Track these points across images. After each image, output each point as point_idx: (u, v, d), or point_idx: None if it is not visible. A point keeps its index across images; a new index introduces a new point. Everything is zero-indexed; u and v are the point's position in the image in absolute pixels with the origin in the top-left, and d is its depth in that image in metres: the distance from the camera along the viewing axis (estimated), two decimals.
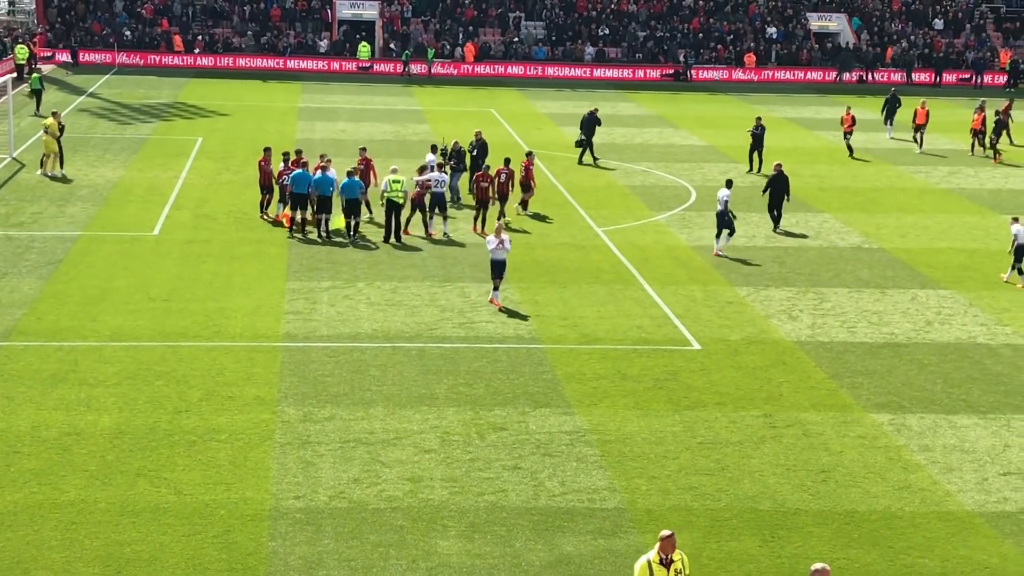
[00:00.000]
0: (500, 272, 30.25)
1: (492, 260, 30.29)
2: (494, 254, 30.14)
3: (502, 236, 30.12)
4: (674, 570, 15.17)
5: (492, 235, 30.28)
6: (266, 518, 19.36)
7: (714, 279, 33.03)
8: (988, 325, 29.88)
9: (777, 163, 39.59)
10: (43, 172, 42.95)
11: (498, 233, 30.15)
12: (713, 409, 24.19)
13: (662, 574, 15.15)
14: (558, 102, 66.45)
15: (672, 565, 15.18)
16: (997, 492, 21.02)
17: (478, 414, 23.57)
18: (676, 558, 15.22)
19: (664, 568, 15.16)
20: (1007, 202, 43.66)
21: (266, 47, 77.30)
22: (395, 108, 62.29)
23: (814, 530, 19.54)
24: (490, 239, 30.25)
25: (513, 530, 19.23)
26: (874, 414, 24.18)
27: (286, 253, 34.46)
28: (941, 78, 77.80)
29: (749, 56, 78.17)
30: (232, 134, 52.98)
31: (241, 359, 26.09)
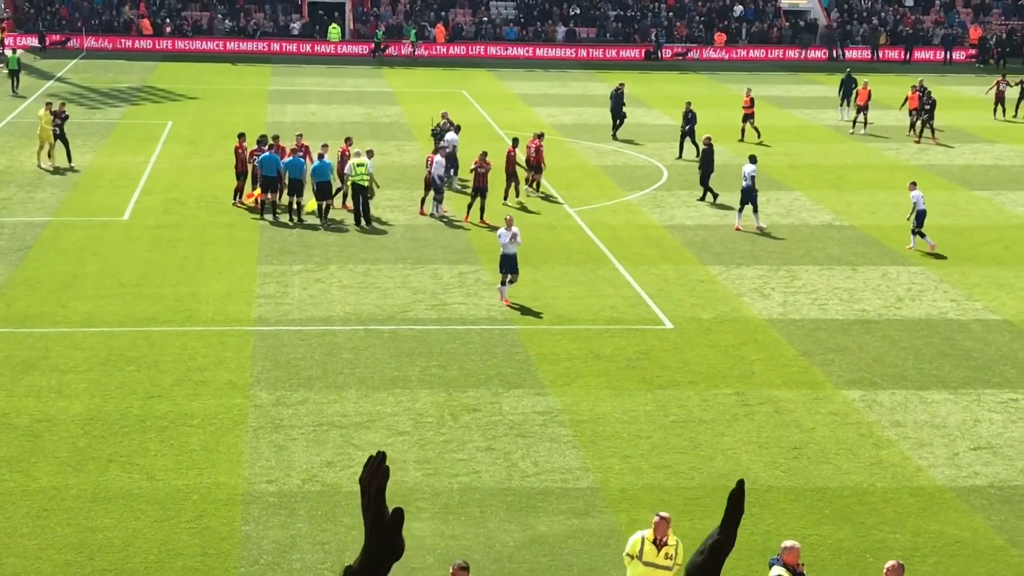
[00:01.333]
0: (511, 267, 28.72)
1: (503, 254, 28.77)
2: (505, 248, 28.61)
3: (513, 229, 28.71)
4: (665, 554, 15.19)
5: (503, 228, 28.92)
6: (239, 502, 19.33)
7: (686, 258, 33.09)
8: (958, 301, 30.03)
9: (707, 136, 40.35)
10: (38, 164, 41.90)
11: (509, 225, 28.89)
12: (686, 388, 24.26)
13: (652, 553, 15.18)
14: (530, 82, 66.34)
15: (664, 548, 15.20)
16: (968, 467, 21.16)
17: (451, 396, 23.58)
18: (671, 542, 15.24)
19: (656, 548, 15.18)
20: (977, 178, 43.85)
21: (236, 30, 76.92)
22: (366, 90, 62.08)
23: (787, 507, 19.63)
24: (502, 232, 28.74)
25: (487, 511, 19.25)
26: (845, 391, 24.29)
27: (257, 237, 34.35)
28: (911, 55, 77.96)
29: (719, 35, 78.17)
30: (202, 118, 52.73)
31: (213, 343, 26.02)
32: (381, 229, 35.42)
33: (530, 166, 39.56)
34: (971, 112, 56.67)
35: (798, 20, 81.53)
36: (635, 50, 77.10)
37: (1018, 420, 23.07)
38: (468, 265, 32.03)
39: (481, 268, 31.69)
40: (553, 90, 63.86)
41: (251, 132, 39.99)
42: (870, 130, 51.45)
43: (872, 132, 51.45)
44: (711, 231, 35.95)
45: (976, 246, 34.94)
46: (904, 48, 78.31)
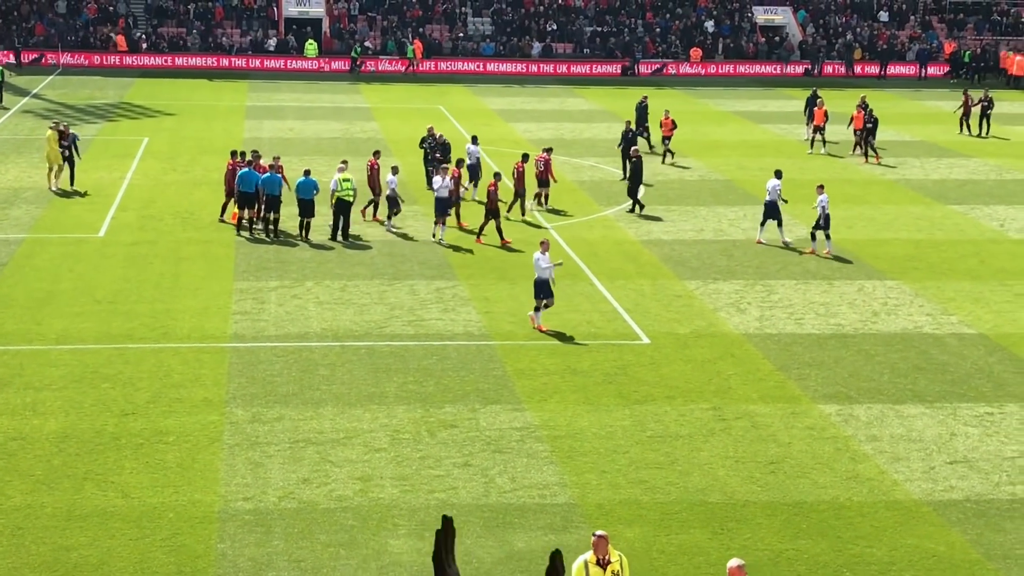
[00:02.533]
0: (547, 292, 28.06)
1: (537, 279, 28.06)
2: (540, 273, 27.93)
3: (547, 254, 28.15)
4: (611, 571, 15.14)
5: (539, 252, 28.07)
6: (215, 520, 19.24)
7: (662, 273, 33.14)
8: (934, 315, 30.14)
9: (635, 148, 41.08)
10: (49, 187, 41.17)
11: (545, 250, 28.18)
12: (663, 403, 24.27)
13: (598, 574, 15.13)
14: (506, 98, 66.44)
15: (609, 566, 15.15)
16: (944, 481, 21.21)
17: (428, 412, 23.53)
18: (614, 559, 15.18)
19: (601, 569, 15.12)
20: (952, 192, 44.06)
21: (212, 46, 76.82)
22: (343, 106, 62.08)
23: (763, 521, 19.64)
24: (538, 256, 27.96)
25: (464, 527, 19.19)
26: (822, 405, 24.33)
27: (233, 253, 34.26)
28: (886, 70, 78.36)
29: (695, 50, 78.44)
30: (178, 134, 52.62)
31: (189, 360, 25.92)
32: (358, 245, 35.37)
33: (540, 181, 39.84)
34: (946, 127, 56.97)
35: (774, 36, 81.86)
36: (612, 65, 77.28)
37: (994, 434, 23.15)
38: (445, 281, 32.01)
39: (458, 284, 31.67)
40: (530, 105, 63.97)
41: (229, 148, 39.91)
42: (831, 149, 51.29)
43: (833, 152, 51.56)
44: (688, 246, 36.01)
45: (951, 260, 35.09)
46: (879, 63, 78.70)
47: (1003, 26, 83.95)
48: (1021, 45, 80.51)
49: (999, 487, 21.00)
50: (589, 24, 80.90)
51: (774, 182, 36.14)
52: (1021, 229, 38.98)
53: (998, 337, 28.55)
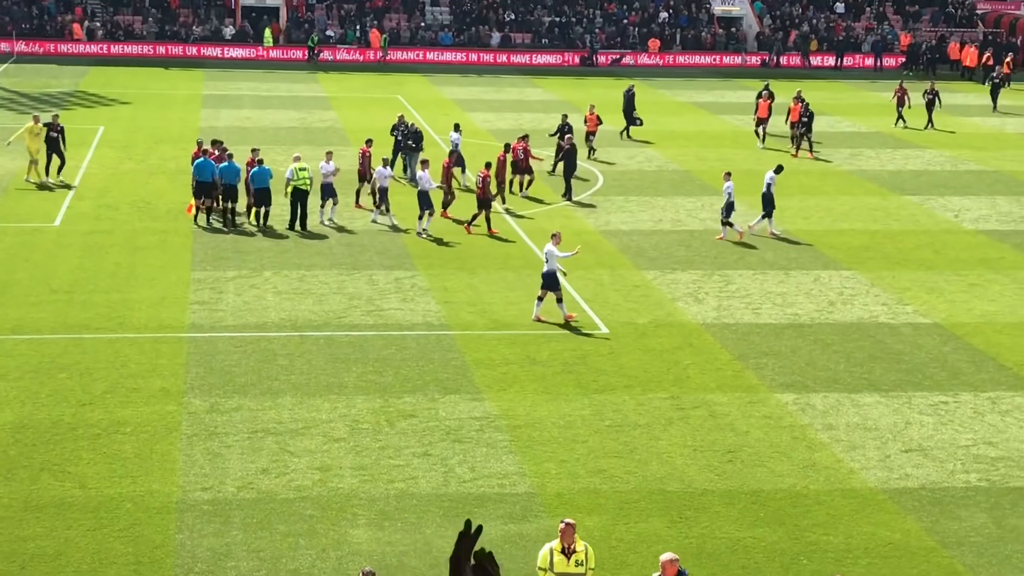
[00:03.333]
0: (553, 284, 27.89)
1: (546, 271, 27.95)
2: (550, 265, 27.86)
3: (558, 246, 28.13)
4: (575, 560, 15.21)
5: (551, 244, 28.00)
6: (173, 510, 19.18)
7: (621, 263, 33.24)
8: (889, 305, 30.39)
9: (569, 136, 41.45)
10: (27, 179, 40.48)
11: (557, 241, 28.17)
12: (621, 392, 24.36)
13: (562, 563, 15.20)
14: (465, 88, 66.37)
15: (574, 555, 15.22)
16: (899, 469, 21.41)
17: (387, 402, 23.53)
18: (579, 548, 15.26)
19: (565, 557, 15.20)
20: (907, 183, 44.40)
21: (169, 34, 76.31)
22: (301, 95, 61.84)
23: (721, 510, 19.77)
24: (552, 249, 27.85)
25: (423, 517, 19.23)
26: (779, 394, 24.50)
27: (191, 243, 34.10)
28: (842, 61, 78.79)
29: (653, 41, 78.61)
30: (134, 123, 52.27)
31: (146, 350, 25.80)
32: (317, 235, 35.28)
33: (520, 169, 40.04)
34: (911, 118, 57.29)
35: (732, 27, 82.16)
36: (571, 56, 77.33)
37: (948, 423, 23.38)
38: (404, 271, 31.98)
39: (417, 274, 31.66)
40: (488, 95, 63.94)
41: (185, 137, 39.69)
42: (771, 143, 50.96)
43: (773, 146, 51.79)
44: (646, 236, 36.14)
45: (906, 251, 35.38)
46: (835, 55, 79.12)
47: (957, 18, 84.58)
48: (975, 37, 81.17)
49: (954, 475, 21.22)
50: (548, 14, 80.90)
51: (770, 174, 36.29)
52: (975, 219, 39.35)
53: (952, 326, 28.83)
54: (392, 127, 43.55)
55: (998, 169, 47.48)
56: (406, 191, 38.80)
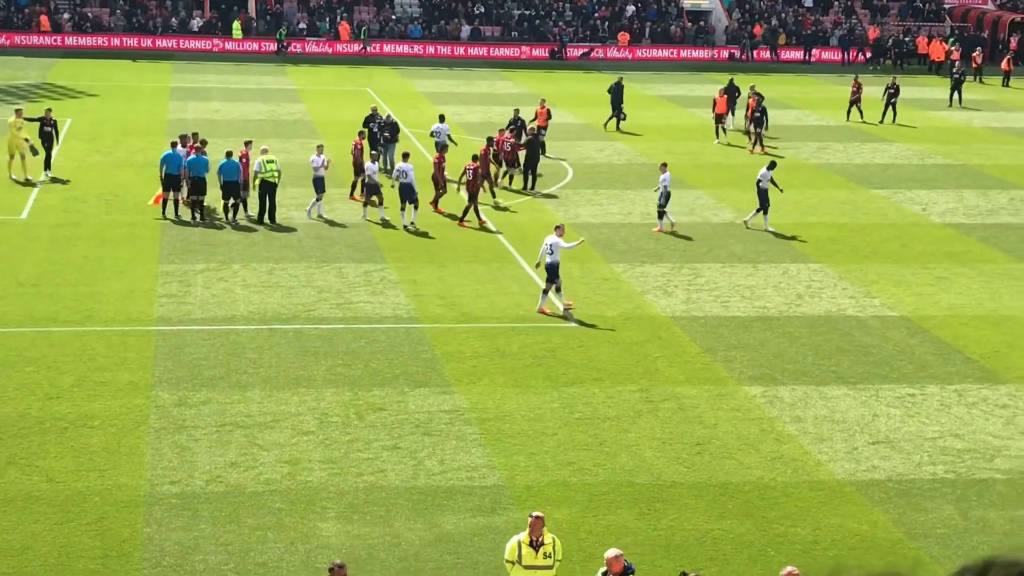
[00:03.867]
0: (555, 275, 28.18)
1: (549, 263, 28.10)
2: (553, 257, 28.06)
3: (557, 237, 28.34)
4: (543, 552, 15.27)
5: (555, 235, 28.29)
6: (141, 504, 19.12)
7: (591, 256, 33.28)
8: (857, 298, 30.54)
9: (531, 127, 42.43)
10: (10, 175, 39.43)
11: (560, 233, 28.51)
12: (591, 385, 24.41)
13: (530, 555, 15.25)
14: (435, 80, 66.29)
15: (542, 548, 15.27)
16: (866, 461, 21.53)
17: (357, 395, 23.50)
18: (547, 540, 15.31)
19: (533, 550, 15.25)
20: (875, 176, 44.61)
21: (137, 26, 75.93)
22: (270, 88, 61.61)
23: (690, 502, 19.84)
24: (557, 241, 28.15)
25: (392, 510, 19.23)
26: (747, 386, 24.59)
27: (159, 235, 33.95)
28: (810, 55, 79.05)
29: (623, 34, 78.68)
30: (102, 115, 51.98)
31: (114, 344, 25.68)
32: (286, 227, 35.19)
33: (506, 161, 40.34)
34: (869, 112, 57.57)
35: (701, 20, 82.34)
36: (540, 49, 77.33)
37: (915, 415, 23.53)
38: (374, 264, 31.94)
39: (387, 267, 31.63)
40: (459, 88, 63.88)
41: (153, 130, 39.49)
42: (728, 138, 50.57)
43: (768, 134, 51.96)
44: (615, 229, 36.19)
45: (874, 244, 35.55)
46: (803, 48, 79.39)
47: (925, 12, 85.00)
48: (942, 31, 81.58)
49: (920, 467, 21.35)
50: (517, 7, 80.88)
51: (763, 171, 36.40)
52: (942, 213, 39.58)
53: (919, 319, 29.00)
54: (366, 119, 43.47)
55: (965, 163, 47.76)
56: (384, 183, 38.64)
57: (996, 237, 36.64)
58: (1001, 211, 40.02)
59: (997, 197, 42.06)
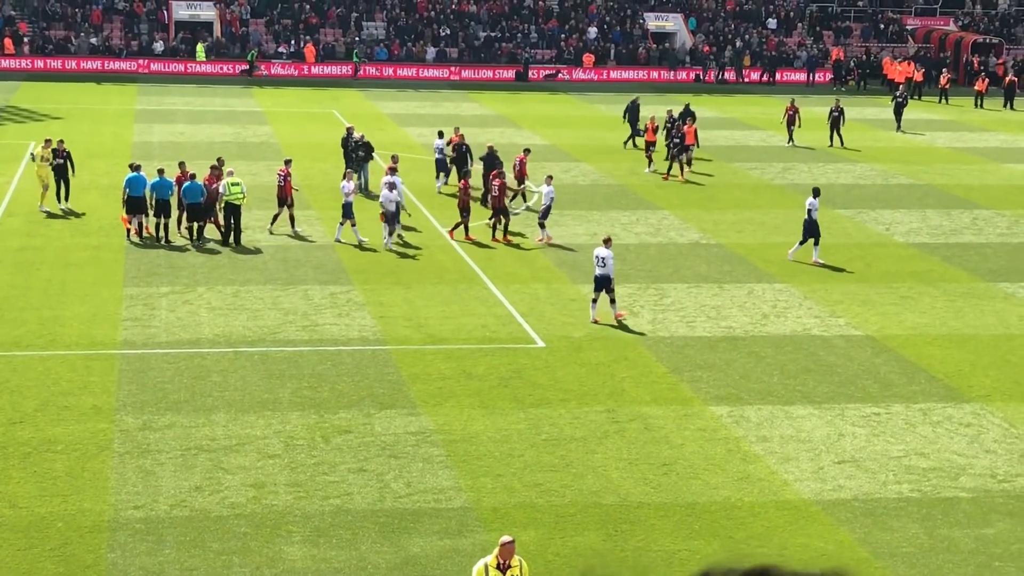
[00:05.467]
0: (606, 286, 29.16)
1: (599, 275, 29.12)
2: (603, 270, 29.05)
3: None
4: (510, 575, 15.25)
5: (603, 247, 29.27)
6: (105, 529, 18.97)
7: (557, 277, 33.31)
8: (822, 317, 30.66)
9: (490, 144, 42.47)
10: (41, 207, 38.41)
11: (608, 245, 29.41)
12: (557, 406, 24.39)
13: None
14: (401, 102, 66.31)
15: (509, 571, 15.25)
16: (832, 480, 21.59)
17: (323, 417, 23.41)
18: (514, 563, 15.29)
19: (500, 573, 15.22)
20: (839, 197, 44.84)
21: (101, 49, 75.65)
22: (235, 110, 61.49)
23: (656, 523, 19.84)
24: (606, 254, 29.06)
25: (359, 533, 19.15)
26: (713, 406, 24.63)
27: (123, 258, 33.78)
28: (774, 76, 79.52)
29: (587, 56, 78.95)
30: (66, 138, 51.45)
31: (77, 368, 25.51)
32: (251, 250, 35.07)
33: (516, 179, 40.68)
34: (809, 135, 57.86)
35: (665, 42, 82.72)
36: (506, 71, 77.48)
37: (880, 434, 23.61)
38: (339, 286, 31.87)
39: (353, 288, 31.56)
40: (424, 110, 63.92)
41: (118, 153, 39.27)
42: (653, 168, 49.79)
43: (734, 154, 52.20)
44: (582, 250, 36.21)
45: (838, 263, 35.71)
46: (768, 70, 79.85)
47: (888, 34, 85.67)
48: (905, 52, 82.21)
49: (886, 486, 21.42)
50: (483, 29, 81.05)
51: (811, 200, 35.62)
52: (906, 232, 39.82)
53: (884, 339, 29.13)
54: (343, 140, 43.51)
55: (928, 183, 48.09)
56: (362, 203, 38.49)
57: (959, 256, 36.88)
58: (964, 230, 40.30)
59: (960, 216, 42.36)
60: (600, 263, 29.21)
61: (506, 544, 15.28)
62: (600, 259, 29.24)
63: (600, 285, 29.26)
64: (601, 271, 29.16)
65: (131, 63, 74.43)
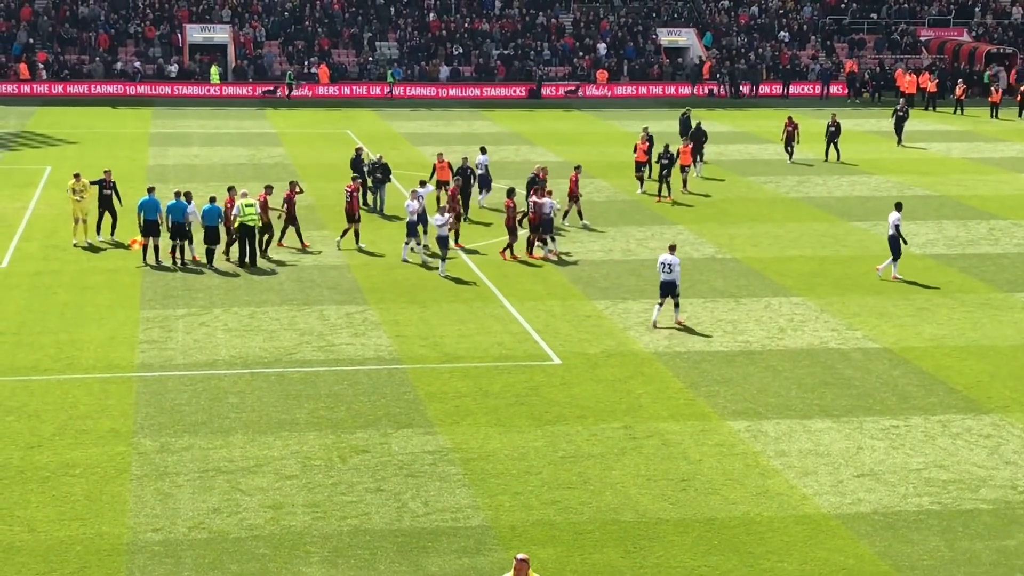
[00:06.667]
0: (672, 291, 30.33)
1: (664, 281, 30.25)
2: (668, 276, 30.16)
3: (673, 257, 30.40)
4: None
5: (668, 253, 30.35)
6: (123, 552, 18.97)
7: (572, 294, 33.29)
8: (839, 330, 30.56)
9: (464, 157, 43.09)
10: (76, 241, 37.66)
11: (672, 251, 30.45)
12: (574, 423, 24.35)
13: None
14: (414, 121, 66.45)
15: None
16: (852, 494, 21.49)
17: (340, 437, 23.41)
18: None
19: None
20: (855, 209, 44.76)
21: (116, 73, 76.01)
22: (249, 131, 61.68)
23: (675, 539, 19.76)
24: (673, 261, 30.18)
25: (377, 553, 19.12)
26: (731, 421, 24.56)
27: (140, 281, 33.87)
28: (788, 89, 79.48)
29: (601, 73, 79.02)
30: (82, 162, 51.86)
31: (95, 391, 25.56)
32: (267, 271, 35.13)
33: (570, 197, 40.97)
34: (848, 145, 57.82)
35: (678, 57, 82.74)
36: (519, 88, 77.60)
37: (899, 446, 23.51)
38: (355, 305, 31.90)
39: (368, 308, 31.58)
40: (437, 128, 64.04)
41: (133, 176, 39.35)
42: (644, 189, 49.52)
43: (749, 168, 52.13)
44: (596, 266, 36.22)
45: (855, 276, 35.62)
46: (781, 83, 79.83)
47: (902, 46, 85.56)
48: (918, 64, 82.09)
49: (906, 499, 21.32)
50: (496, 47, 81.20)
51: (894, 215, 35.23)
52: (923, 244, 39.70)
53: (902, 351, 29.02)
54: (352, 161, 43.59)
55: (944, 194, 47.97)
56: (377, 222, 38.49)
57: (977, 267, 36.75)
58: (981, 241, 40.16)
59: (977, 227, 42.23)
60: (667, 269, 30.12)
61: (521, 561, 15.24)
62: (667, 265, 30.14)
63: (665, 291, 30.19)
64: (667, 277, 30.10)
65: (147, 87, 74.72)
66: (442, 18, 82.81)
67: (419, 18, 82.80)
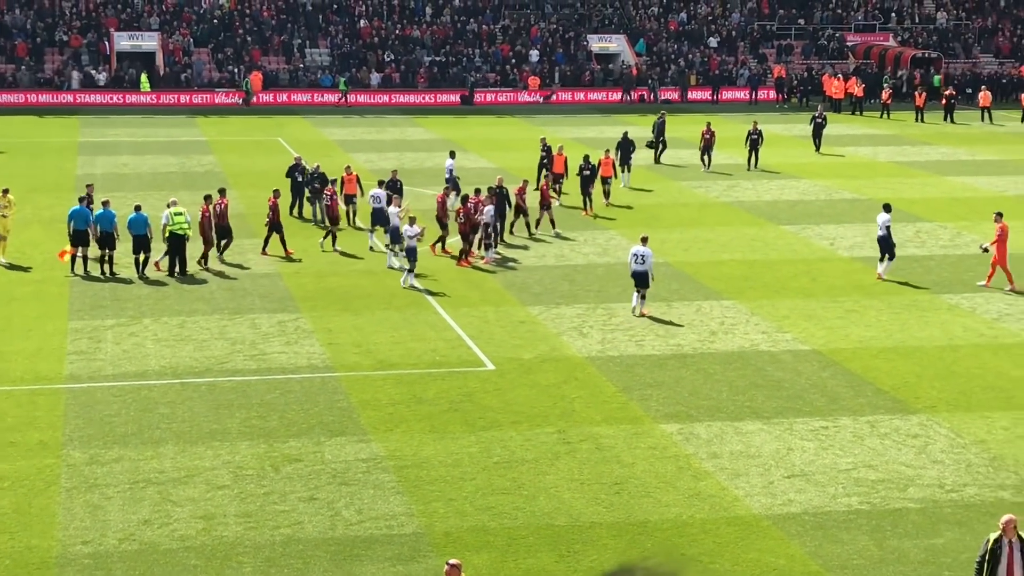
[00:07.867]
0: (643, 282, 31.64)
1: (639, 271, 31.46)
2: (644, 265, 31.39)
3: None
4: None
5: (641, 245, 31.66)
6: (53, 566, 18.76)
7: (506, 299, 33.34)
8: (769, 333, 30.84)
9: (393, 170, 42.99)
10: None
11: (645, 242, 31.77)
12: (508, 428, 24.39)
13: None
14: (346, 128, 66.26)
15: None
16: (782, 495, 21.69)
17: (272, 447, 23.29)
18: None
19: None
20: (784, 213, 45.18)
21: (42, 82, 75.14)
22: (179, 140, 61.21)
23: (609, 542, 19.85)
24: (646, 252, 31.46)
25: (310, 562, 19.05)
26: (664, 424, 24.71)
27: (68, 292, 33.51)
28: (718, 95, 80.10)
29: (533, 79, 79.22)
30: (7, 171, 51.22)
31: (23, 403, 25.26)
32: (197, 280, 34.87)
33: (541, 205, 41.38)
34: (776, 149, 58.35)
35: (609, 63, 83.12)
36: (451, 95, 77.58)
37: (829, 447, 23.76)
38: (288, 314, 31.75)
39: (301, 316, 31.44)
40: (370, 136, 63.90)
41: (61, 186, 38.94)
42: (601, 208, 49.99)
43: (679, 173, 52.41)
44: (530, 272, 36.29)
45: (784, 279, 35.97)
46: (711, 88, 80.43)
47: (829, 50, 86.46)
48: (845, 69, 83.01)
49: (835, 499, 21.55)
50: (428, 54, 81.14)
51: (884, 216, 35.76)
52: (850, 247, 40.15)
53: (830, 352, 29.34)
54: (290, 169, 43.43)
55: (871, 197, 48.52)
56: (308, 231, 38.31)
57: (903, 269, 37.21)
58: (907, 244, 40.66)
59: (903, 230, 42.74)
60: (639, 260, 31.20)
61: (452, 567, 15.26)
62: (639, 256, 31.25)
63: (639, 281, 31.38)
64: (639, 267, 31.23)
65: (73, 95, 73.93)
66: (373, 24, 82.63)
67: (350, 25, 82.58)
